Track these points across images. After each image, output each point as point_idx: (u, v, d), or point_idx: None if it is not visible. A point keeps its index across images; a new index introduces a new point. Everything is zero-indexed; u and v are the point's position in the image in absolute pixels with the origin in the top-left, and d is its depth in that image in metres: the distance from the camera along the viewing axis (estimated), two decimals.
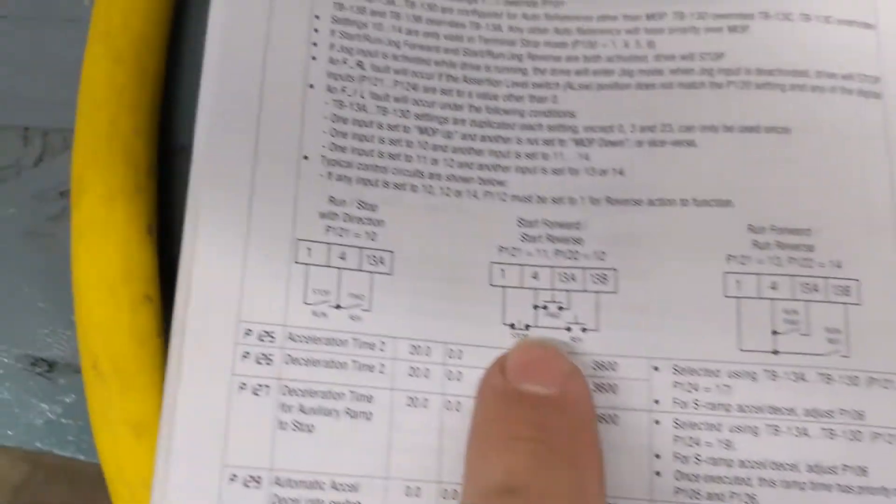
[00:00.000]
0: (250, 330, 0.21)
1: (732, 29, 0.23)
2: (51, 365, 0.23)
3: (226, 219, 0.22)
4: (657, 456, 0.21)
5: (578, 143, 0.23)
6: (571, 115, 0.23)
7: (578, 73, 0.23)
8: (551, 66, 0.23)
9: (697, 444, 0.21)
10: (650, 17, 0.24)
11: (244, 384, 0.21)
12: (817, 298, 0.21)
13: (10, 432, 0.23)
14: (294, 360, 0.21)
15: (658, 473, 0.21)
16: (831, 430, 0.21)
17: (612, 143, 0.23)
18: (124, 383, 0.21)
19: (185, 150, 0.24)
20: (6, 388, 0.23)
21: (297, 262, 0.22)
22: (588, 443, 0.20)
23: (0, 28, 0.25)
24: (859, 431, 0.21)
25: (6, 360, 0.24)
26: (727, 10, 0.23)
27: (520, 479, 0.18)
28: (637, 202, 0.22)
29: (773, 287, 0.21)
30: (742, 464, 0.21)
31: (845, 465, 0.20)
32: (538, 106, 0.23)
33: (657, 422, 0.21)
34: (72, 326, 0.23)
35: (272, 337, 0.21)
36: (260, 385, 0.21)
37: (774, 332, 0.21)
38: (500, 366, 0.21)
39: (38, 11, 0.25)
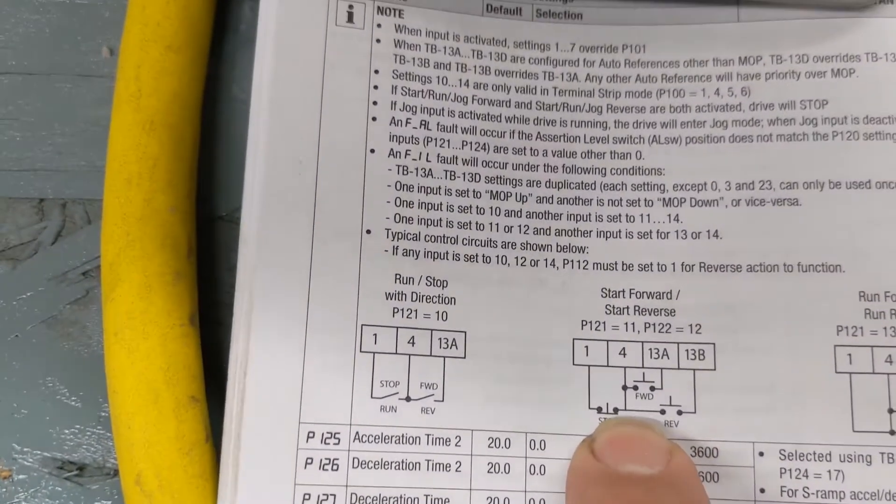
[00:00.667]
0: (313, 432, 0.20)
1: (837, 73, 0.22)
2: (80, 468, 0.22)
3: (282, 306, 0.20)
4: None
5: (667, 203, 0.21)
6: (658, 172, 0.22)
7: (665, 125, 0.22)
8: (634, 118, 0.22)
9: None
10: (744, 60, 0.22)
11: (308, 495, 0.19)
12: None
13: None
14: (362, 464, 0.20)
15: None
16: None
17: (705, 203, 0.21)
18: (173, 500, 0.18)
19: (223, 221, 0.23)
20: (30, 496, 0.21)
21: (361, 351, 0.20)
22: None
23: (5, 84, 0.23)
24: None
25: (29, 463, 0.22)
26: (830, 51, 0.22)
27: None
28: (735, 268, 0.21)
29: (890, 361, 0.20)
30: None
31: None
32: (621, 163, 0.22)
33: None
34: (102, 423, 0.22)
35: (337, 439, 0.20)
36: (326, 495, 0.20)
37: (891, 411, 0.20)
38: (588, 448, 0.19)
39: (47, 66, 0.23)
